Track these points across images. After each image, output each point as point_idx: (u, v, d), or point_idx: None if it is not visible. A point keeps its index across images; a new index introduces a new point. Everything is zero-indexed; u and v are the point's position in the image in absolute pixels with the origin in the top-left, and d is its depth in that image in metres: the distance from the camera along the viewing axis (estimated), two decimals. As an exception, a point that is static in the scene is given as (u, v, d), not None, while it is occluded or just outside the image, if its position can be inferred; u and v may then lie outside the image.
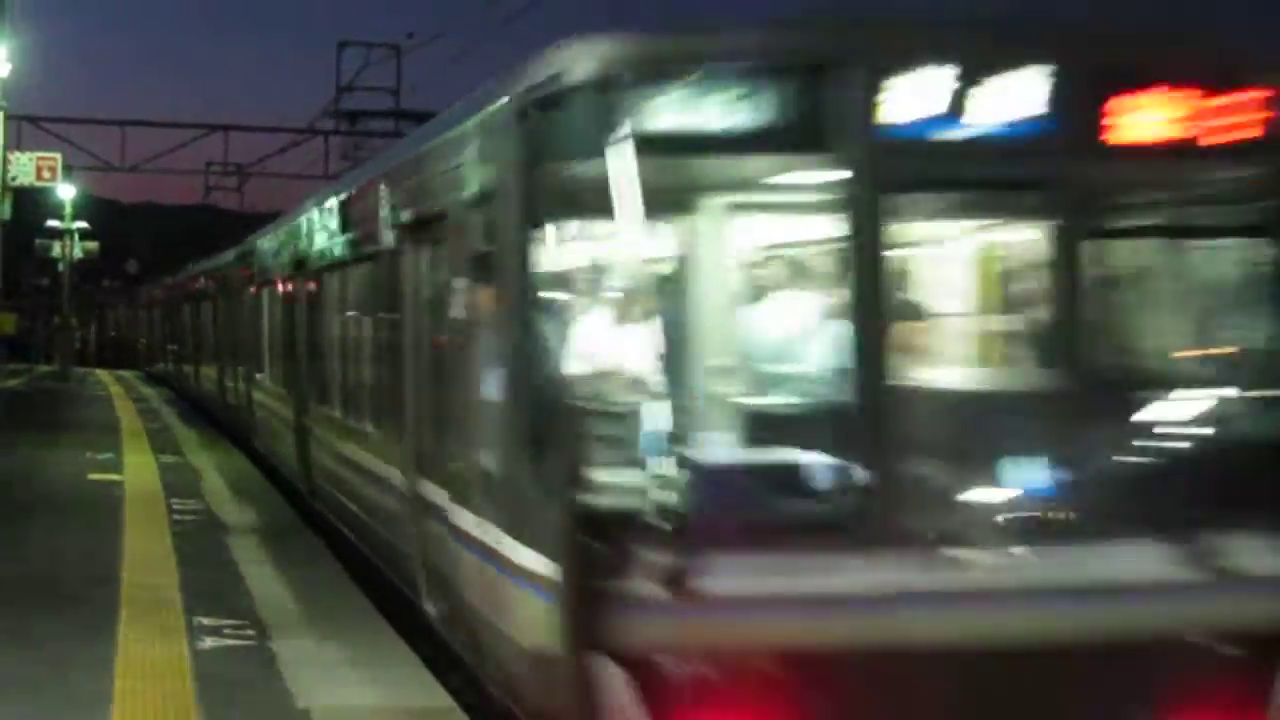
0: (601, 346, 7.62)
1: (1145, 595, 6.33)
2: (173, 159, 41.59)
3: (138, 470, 20.18)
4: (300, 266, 16.19)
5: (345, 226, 13.18)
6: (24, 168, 23.91)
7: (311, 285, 15.32)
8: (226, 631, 10.08)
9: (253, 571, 12.47)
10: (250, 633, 10.09)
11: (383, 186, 11.08)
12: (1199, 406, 6.95)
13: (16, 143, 29.85)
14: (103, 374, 56.64)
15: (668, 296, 7.63)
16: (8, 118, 24.07)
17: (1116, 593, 6.28)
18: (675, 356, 7.27)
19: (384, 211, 10.86)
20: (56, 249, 52.47)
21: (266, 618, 10.55)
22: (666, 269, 8.01)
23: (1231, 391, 6.98)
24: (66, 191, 47.27)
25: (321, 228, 14.69)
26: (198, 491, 18.02)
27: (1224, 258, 7.27)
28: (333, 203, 14.01)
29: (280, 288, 18.16)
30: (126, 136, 39.49)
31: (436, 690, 8.80)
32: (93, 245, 54.49)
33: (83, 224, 52.70)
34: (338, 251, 13.58)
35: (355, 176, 13.88)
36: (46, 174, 24.24)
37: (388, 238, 10.61)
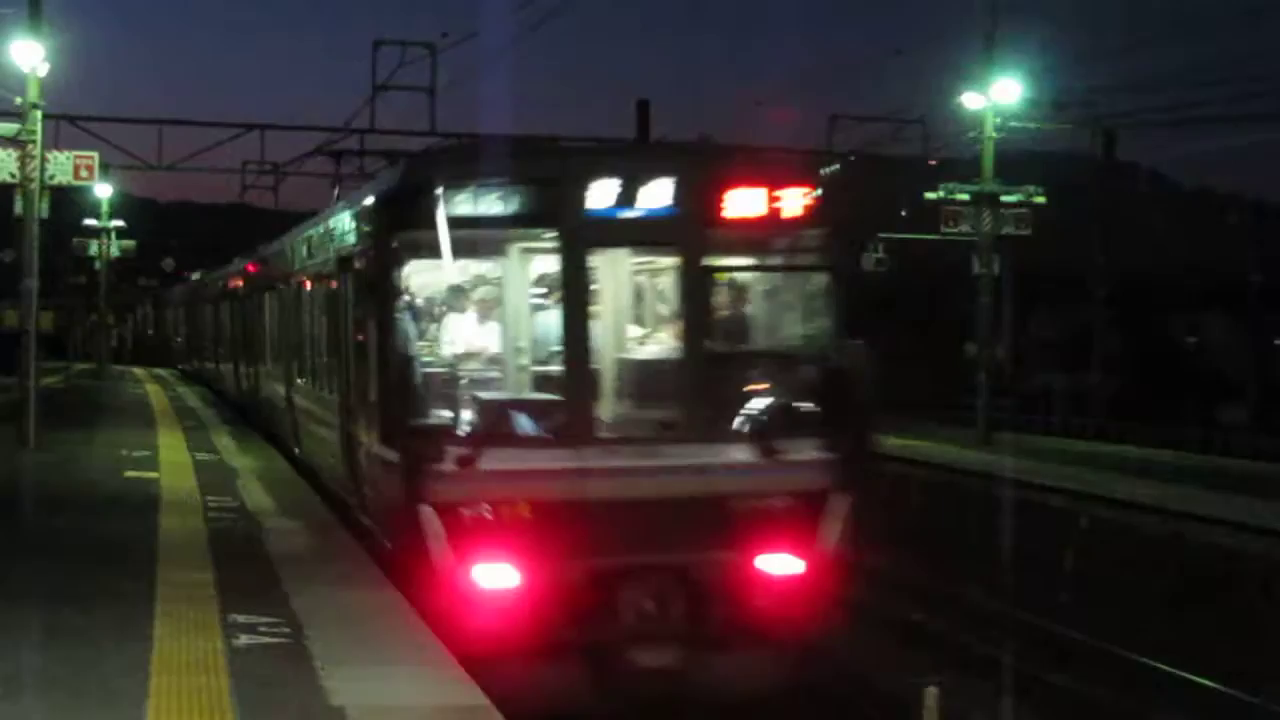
0: (432, 335, 12.59)
1: (732, 471, 11.26)
2: (209, 158, 42.08)
3: (173, 468, 20.30)
4: (286, 279, 20.55)
5: (310, 253, 17.62)
6: (62, 166, 23.91)
7: (292, 294, 19.61)
8: (262, 629, 10.12)
9: (288, 569, 12.52)
10: (285, 630, 10.13)
11: (328, 230, 15.78)
12: (764, 369, 12.28)
13: (54, 142, 29.98)
14: (139, 371, 56.99)
15: (470, 304, 12.85)
16: (46, 117, 24.14)
17: (715, 469, 11.19)
18: (473, 340, 12.69)
19: (329, 247, 15.50)
20: (94, 247, 52.65)
21: (302, 615, 10.58)
22: (468, 289, 12.87)
23: (784, 360, 12.35)
24: (104, 190, 47.41)
25: (297, 252, 19.14)
26: (233, 490, 18.11)
27: (781, 285, 12.61)
28: (305, 234, 18.60)
29: (273, 294, 22.79)
30: (163, 135, 39.79)
31: (471, 689, 8.82)
32: (129, 243, 54.58)
33: (119, 222, 52.82)
34: (307, 270, 17.98)
35: (315, 220, 18.32)
36: (84, 173, 24.20)
37: (330, 265, 15.12)
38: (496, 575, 10.71)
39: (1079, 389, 50.85)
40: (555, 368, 11.80)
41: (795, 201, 11.72)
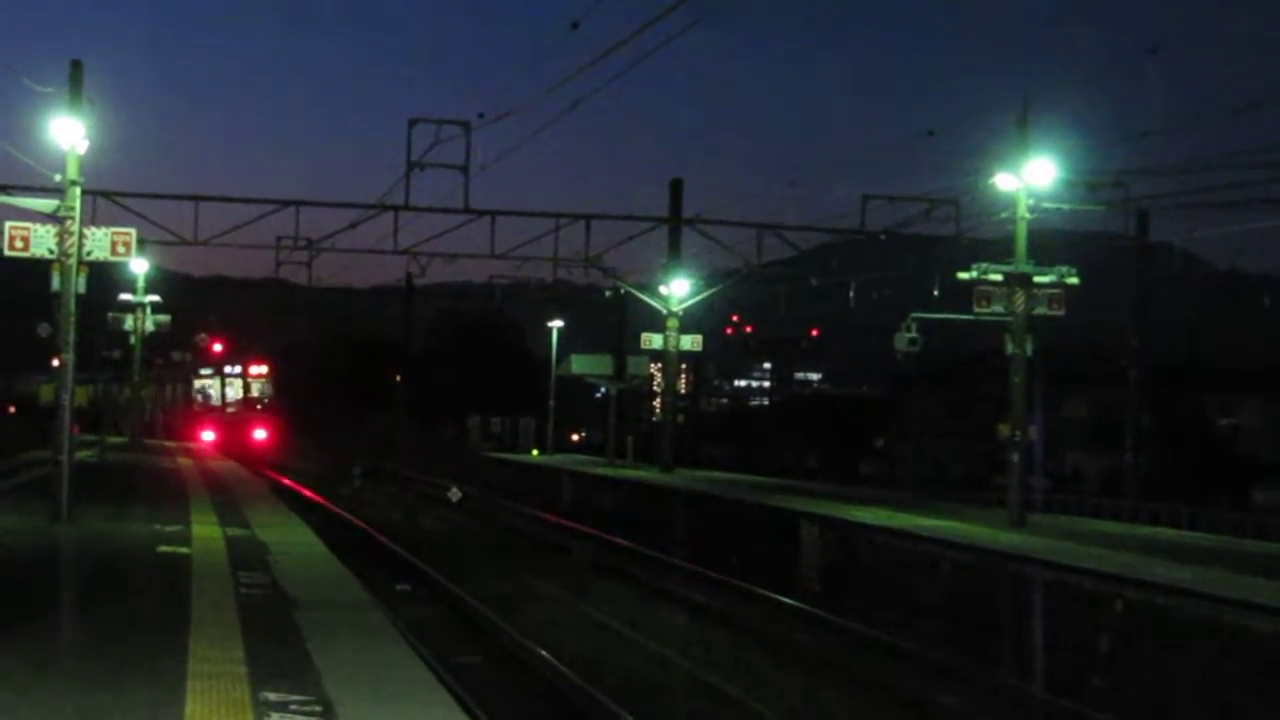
0: (206, 393, 73.66)
1: (243, 413, 71.59)
2: (244, 234, 42.34)
3: (205, 543, 20.32)
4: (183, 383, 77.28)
5: (190, 376, 75.53)
6: (99, 242, 24.12)
7: (170, 388, 78.78)
8: (293, 707, 10.09)
9: (319, 646, 12.48)
10: (317, 709, 10.09)
11: (205, 371, 74.80)
12: (259, 401, 73.26)
13: (92, 217, 30.35)
14: (172, 445, 57.31)
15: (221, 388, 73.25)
16: (84, 193, 24.40)
17: (240, 412, 72.50)
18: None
19: (197, 373, 75.27)
20: (129, 322, 53.04)
21: (333, 694, 10.54)
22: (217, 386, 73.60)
23: (262, 399, 73.40)
24: (140, 265, 47.85)
25: (206, 371, 75.19)
26: (265, 565, 18.11)
27: (261, 385, 73.79)
28: (204, 369, 75.04)
29: (168, 388, 78.94)
30: (199, 211, 40.26)
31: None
32: (164, 318, 54.98)
33: (155, 297, 53.22)
34: (194, 380, 74.61)
35: (207, 365, 75.76)
36: (121, 249, 24.40)
37: (190, 379, 75.93)
38: (209, 434, 68.09)
39: (1112, 471, 50.49)
40: (228, 403, 71.21)
41: (262, 367, 72.14)
